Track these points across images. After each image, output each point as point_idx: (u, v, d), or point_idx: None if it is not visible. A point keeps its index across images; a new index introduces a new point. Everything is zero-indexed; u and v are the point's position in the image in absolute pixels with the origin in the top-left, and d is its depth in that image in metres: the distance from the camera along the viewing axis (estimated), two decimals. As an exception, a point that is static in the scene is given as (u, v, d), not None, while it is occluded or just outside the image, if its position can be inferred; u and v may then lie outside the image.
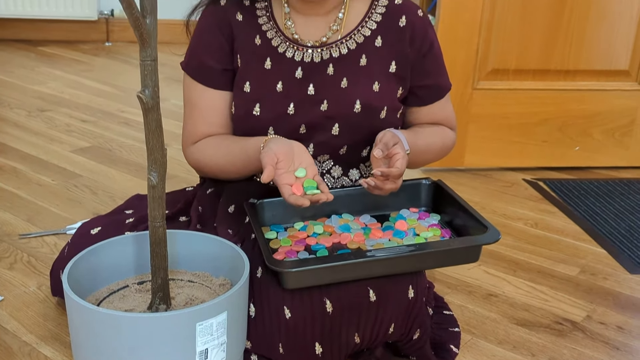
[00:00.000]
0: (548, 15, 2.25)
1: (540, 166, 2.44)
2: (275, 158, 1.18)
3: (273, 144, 1.22)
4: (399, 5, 1.37)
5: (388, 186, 1.22)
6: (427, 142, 1.39)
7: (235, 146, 1.33)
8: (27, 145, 2.42)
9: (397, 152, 1.22)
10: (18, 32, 3.89)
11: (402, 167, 1.21)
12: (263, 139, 1.26)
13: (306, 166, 1.21)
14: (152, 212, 1.05)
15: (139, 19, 0.92)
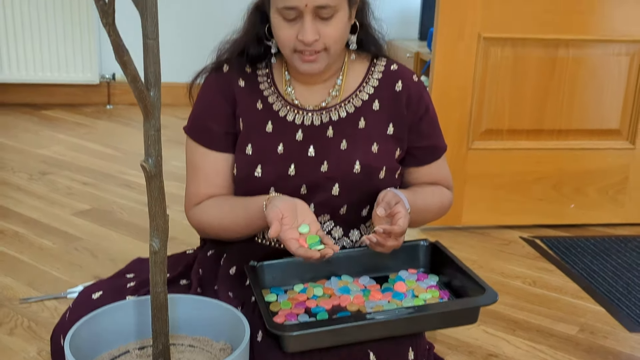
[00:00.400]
0: (538, 77, 2.31)
1: (537, 224, 2.46)
2: (281, 214, 1.21)
3: (277, 201, 1.25)
4: (395, 71, 1.42)
5: (390, 243, 1.25)
6: (425, 202, 1.42)
7: (237, 206, 1.36)
8: (29, 208, 2.45)
9: (399, 210, 1.25)
10: (22, 96, 3.96)
11: (404, 225, 1.24)
12: (265, 198, 1.29)
13: (309, 222, 1.24)
14: (154, 278, 1.06)
15: (144, 92, 0.96)
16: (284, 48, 1.30)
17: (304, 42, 1.25)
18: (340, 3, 1.26)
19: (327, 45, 1.28)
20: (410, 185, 1.47)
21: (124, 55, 0.92)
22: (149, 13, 0.93)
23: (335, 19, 1.26)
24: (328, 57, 1.30)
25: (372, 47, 1.42)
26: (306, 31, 1.24)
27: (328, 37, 1.27)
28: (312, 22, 1.24)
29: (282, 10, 1.24)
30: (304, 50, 1.27)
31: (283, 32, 1.27)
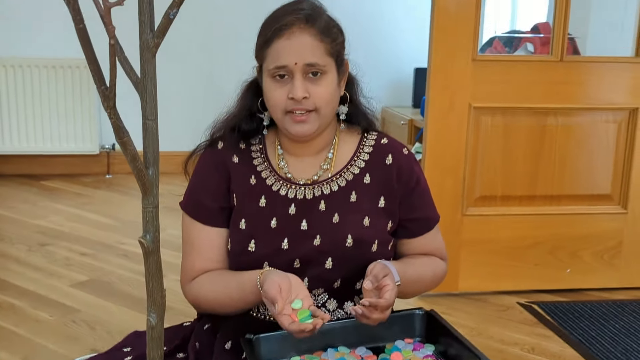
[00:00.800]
0: (528, 144, 2.36)
1: (534, 289, 2.46)
2: (279, 289, 1.22)
3: (274, 275, 1.26)
4: (385, 144, 1.45)
5: (375, 316, 1.25)
6: (418, 273, 1.43)
7: (231, 280, 1.37)
8: (27, 280, 2.45)
9: (387, 283, 1.26)
10: (21, 167, 4.01)
11: (391, 298, 1.25)
12: (259, 272, 1.30)
13: (302, 297, 1.25)
14: (151, 353, 1.07)
15: (142, 171, 0.99)
16: (276, 110, 1.33)
17: (294, 98, 1.29)
18: (328, 64, 1.30)
19: (317, 106, 1.31)
20: (404, 256, 1.49)
21: (123, 136, 0.95)
22: (149, 95, 0.97)
23: (324, 80, 1.31)
24: (318, 118, 1.34)
25: (362, 122, 1.46)
26: (296, 88, 1.28)
27: (318, 96, 1.31)
28: (302, 81, 1.29)
29: (273, 70, 1.29)
30: (295, 110, 1.31)
31: (275, 93, 1.31)
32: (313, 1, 1.34)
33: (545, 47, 3.04)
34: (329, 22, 1.32)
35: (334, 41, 1.31)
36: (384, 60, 4.35)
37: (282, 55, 1.27)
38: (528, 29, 3.48)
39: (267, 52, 1.29)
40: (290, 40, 1.27)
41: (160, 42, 0.95)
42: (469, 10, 2.24)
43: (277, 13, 1.31)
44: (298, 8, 1.30)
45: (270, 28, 1.28)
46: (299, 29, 1.27)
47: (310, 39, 1.27)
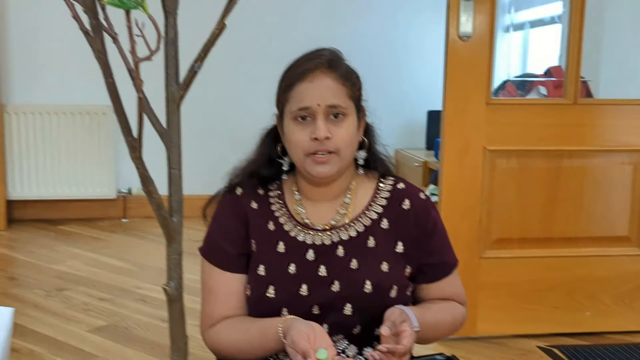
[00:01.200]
0: (544, 186, 2.36)
1: (553, 332, 2.44)
2: (308, 339, 1.22)
3: (300, 325, 1.26)
4: (402, 189, 1.47)
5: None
6: (437, 318, 1.43)
7: (252, 327, 1.37)
8: (45, 326, 2.46)
9: (405, 329, 1.25)
10: (39, 212, 4.06)
11: (409, 344, 1.24)
12: (281, 320, 1.30)
13: (326, 347, 1.24)
14: (174, 400, 1.07)
15: (167, 219, 1.01)
16: (298, 152, 1.35)
17: (317, 138, 1.31)
18: (349, 107, 1.33)
19: (338, 147, 1.33)
20: (423, 301, 1.48)
21: (149, 185, 0.98)
22: (174, 145, 1.00)
23: (345, 122, 1.33)
24: (339, 160, 1.35)
25: (379, 167, 1.48)
26: (319, 128, 1.30)
27: (339, 138, 1.33)
28: (324, 122, 1.31)
29: (296, 112, 1.31)
30: (317, 151, 1.33)
31: (297, 135, 1.33)
32: (333, 49, 1.38)
33: (558, 90, 3.06)
34: (348, 68, 1.36)
35: (354, 86, 1.35)
36: (397, 103, 4.40)
37: (306, 97, 1.30)
38: (541, 73, 3.52)
39: (290, 95, 1.32)
40: (313, 82, 1.30)
41: (185, 94, 0.98)
42: (482, 55, 2.27)
43: (299, 60, 1.35)
44: (320, 54, 1.34)
45: (293, 72, 1.33)
46: (321, 72, 1.31)
47: (333, 82, 1.31)
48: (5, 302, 2.67)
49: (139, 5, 0.80)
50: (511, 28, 4.42)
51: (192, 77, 0.96)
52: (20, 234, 3.76)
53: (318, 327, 1.27)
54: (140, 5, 0.80)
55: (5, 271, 3.13)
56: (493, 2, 2.24)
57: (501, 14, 4.30)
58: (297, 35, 4.15)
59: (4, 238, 3.69)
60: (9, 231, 3.81)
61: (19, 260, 3.33)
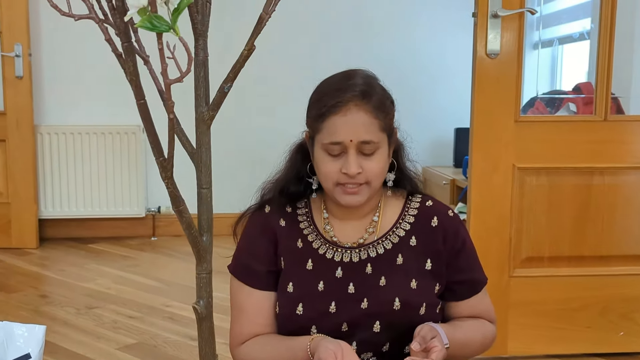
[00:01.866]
0: (575, 204, 2.34)
1: (585, 352, 2.40)
2: (335, 357, 1.22)
3: (328, 343, 1.26)
4: (430, 207, 1.46)
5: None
6: (467, 336, 1.42)
7: (280, 345, 1.37)
8: (75, 344, 2.49)
9: (435, 345, 1.25)
10: (70, 231, 4.11)
11: (439, 359, 1.23)
12: (309, 338, 1.30)
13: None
14: (203, 418, 1.07)
15: (197, 237, 1.01)
16: (327, 181, 1.35)
17: (348, 174, 1.31)
18: (381, 140, 1.32)
19: (368, 179, 1.33)
20: (452, 320, 1.47)
21: (180, 204, 0.98)
22: (204, 165, 1.01)
23: (377, 155, 1.33)
24: (369, 190, 1.35)
25: (407, 186, 1.47)
26: (350, 164, 1.30)
27: (370, 171, 1.33)
28: (356, 156, 1.31)
29: (327, 145, 1.31)
30: (347, 184, 1.33)
31: (327, 166, 1.33)
32: (366, 72, 1.36)
33: (588, 107, 3.03)
34: (382, 95, 1.33)
35: (387, 116, 1.33)
36: (424, 120, 4.39)
37: (338, 132, 1.28)
38: (570, 89, 3.49)
39: (321, 125, 1.30)
40: (346, 117, 1.28)
41: (215, 114, 1.00)
42: (510, 72, 2.26)
43: (331, 87, 1.33)
44: (353, 83, 1.31)
45: (325, 103, 1.30)
46: (355, 105, 1.28)
47: (366, 116, 1.29)
48: (37, 319, 2.70)
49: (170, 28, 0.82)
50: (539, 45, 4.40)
51: (222, 97, 0.97)
52: (52, 252, 3.82)
53: (346, 345, 1.27)
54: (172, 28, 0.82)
55: (37, 289, 3.18)
56: (521, 19, 2.24)
57: (529, 30, 4.29)
58: (327, 54, 4.18)
59: (36, 256, 3.74)
60: (41, 249, 3.87)
61: (50, 279, 3.37)
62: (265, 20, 0.91)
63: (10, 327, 1.11)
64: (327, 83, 1.35)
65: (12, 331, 1.11)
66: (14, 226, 3.89)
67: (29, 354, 1.11)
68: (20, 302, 2.97)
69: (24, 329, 1.12)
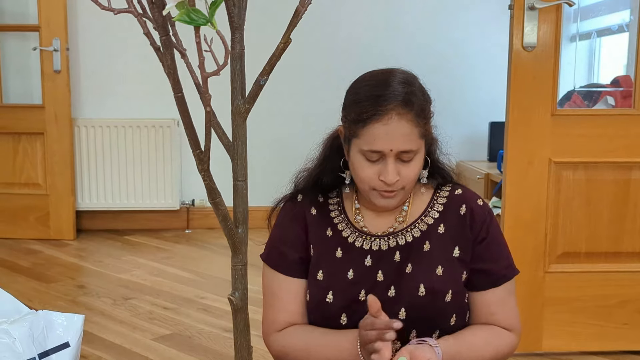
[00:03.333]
0: (613, 199, 2.30)
1: (623, 350, 2.36)
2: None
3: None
4: (459, 195, 1.45)
5: None
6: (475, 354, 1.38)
7: (326, 338, 1.37)
8: (112, 333, 2.53)
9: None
10: (107, 223, 4.18)
11: None
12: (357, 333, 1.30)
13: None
14: (238, 409, 1.09)
15: (233, 230, 1.02)
16: (363, 185, 1.35)
17: (385, 182, 1.31)
18: (420, 146, 1.32)
19: (404, 185, 1.33)
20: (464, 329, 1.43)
21: (216, 197, 0.99)
22: (239, 158, 1.02)
23: (415, 161, 1.32)
24: (404, 193, 1.36)
25: (438, 177, 1.46)
26: (389, 173, 1.29)
27: (406, 177, 1.32)
28: (394, 165, 1.30)
29: (366, 152, 1.30)
30: (384, 190, 1.33)
31: (364, 171, 1.33)
32: (405, 73, 1.34)
33: (627, 101, 2.98)
34: (422, 100, 1.32)
35: (427, 122, 1.32)
36: (459, 114, 4.35)
37: (378, 141, 1.27)
38: (608, 82, 3.42)
39: (361, 131, 1.29)
40: (387, 126, 1.27)
41: (250, 107, 1.00)
42: (547, 65, 2.23)
43: (371, 91, 1.30)
44: (394, 90, 1.28)
45: (366, 109, 1.28)
46: (397, 115, 1.26)
47: (407, 125, 1.27)
48: (74, 309, 2.76)
49: (207, 21, 0.82)
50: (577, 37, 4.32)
51: (258, 90, 0.97)
52: (89, 244, 3.88)
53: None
54: (209, 21, 0.82)
55: (75, 280, 3.24)
56: (559, 11, 2.20)
57: (567, 23, 4.22)
58: (363, 48, 4.17)
59: (74, 248, 3.81)
60: (78, 241, 3.94)
61: (88, 269, 3.43)
62: (302, 13, 0.91)
63: (50, 316, 1.13)
64: (365, 84, 1.33)
65: (52, 320, 1.13)
66: (52, 218, 3.97)
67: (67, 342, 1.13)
68: (58, 292, 3.03)
69: (64, 318, 1.14)
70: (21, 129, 3.91)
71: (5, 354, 1.04)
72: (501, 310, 1.41)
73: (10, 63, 4.10)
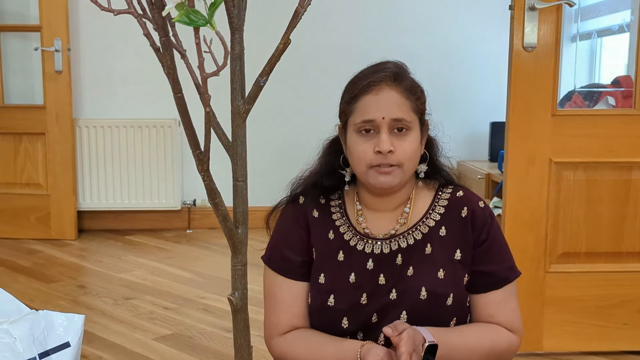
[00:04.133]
0: (613, 199, 2.29)
1: (623, 350, 2.36)
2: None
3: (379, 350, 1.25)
4: (461, 197, 1.45)
5: None
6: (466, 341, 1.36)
7: (328, 345, 1.37)
8: (113, 333, 2.53)
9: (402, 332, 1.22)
10: (107, 223, 4.19)
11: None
12: (360, 344, 1.30)
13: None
14: (238, 409, 1.09)
15: (233, 230, 1.03)
16: (360, 164, 1.35)
17: (381, 151, 1.31)
18: (413, 121, 1.34)
19: (401, 161, 1.33)
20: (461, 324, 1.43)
21: (216, 197, 1.00)
22: (239, 158, 1.02)
23: (409, 135, 1.33)
24: (401, 173, 1.35)
25: (440, 179, 1.47)
26: (383, 141, 1.31)
27: (402, 151, 1.33)
28: (388, 135, 1.32)
29: (360, 125, 1.32)
30: (380, 164, 1.33)
31: (360, 147, 1.34)
32: (398, 62, 1.39)
33: (628, 101, 2.97)
34: (413, 82, 1.37)
35: (418, 100, 1.36)
36: (459, 114, 4.35)
37: (370, 110, 1.31)
38: (608, 82, 3.42)
39: (354, 107, 1.34)
40: (378, 95, 1.32)
41: (250, 108, 1.01)
42: (547, 65, 2.23)
43: (364, 72, 1.37)
44: (385, 67, 1.35)
45: (358, 84, 1.34)
46: (387, 85, 1.32)
47: (397, 95, 1.32)
48: (75, 309, 2.76)
49: (207, 22, 0.83)
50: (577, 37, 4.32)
51: (258, 91, 0.98)
52: (90, 244, 3.89)
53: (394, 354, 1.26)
54: (209, 22, 0.82)
55: (76, 279, 3.24)
56: (559, 11, 2.20)
57: (567, 23, 4.22)
58: (361, 48, 4.17)
59: (75, 247, 3.81)
60: (79, 241, 3.95)
61: (89, 269, 3.44)
62: (301, 14, 0.92)
63: (50, 316, 1.13)
64: (359, 72, 1.38)
65: (53, 320, 1.13)
66: (54, 218, 3.98)
67: (68, 342, 1.14)
68: (59, 292, 3.03)
69: (64, 318, 1.14)
70: (22, 129, 3.92)
71: (6, 354, 1.04)
72: (502, 313, 1.40)
73: (11, 63, 4.11)
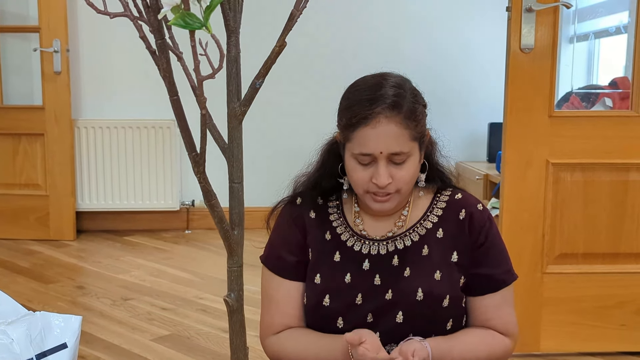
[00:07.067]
0: (610, 200, 2.30)
1: (620, 351, 2.37)
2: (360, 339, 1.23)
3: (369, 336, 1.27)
4: (459, 199, 1.45)
5: None
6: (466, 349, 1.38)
7: (319, 342, 1.38)
8: (111, 334, 2.54)
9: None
10: (106, 223, 4.19)
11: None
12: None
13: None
14: (234, 409, 1.09)
15: (229, 231, 1.03)
16: (357, 188, 1.36)
17: (377, 185, 1.31)
18: (412, 148, 1.31)
19: (398, 188, 1.33)
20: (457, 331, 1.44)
21: (212, 199, 1.00)
22: (235, 160, 1.02)
23: (408, 163, 1.32)
24: (399, 197, 1.35)
25: (438, 181, 1.47)
26: (380, 176, 1.30)
27: (400, 180, 1.32)
28: (386, 167, 1.30)
29: (357, 155, 1.31)
30: (377, 192, 1.33)
31: (357, 174, 1.34)
32: (397, 77, 1.34)
33: (625, 102, 2.98)
34: (412, 103, 1.31)
35: (417, 124, 1.31)
36: (458, 115, 4.36)
37: (368, 144, 1.28)
38: (606, 84, 3.43)
39: (352, 135, 1.30)
40: (376, 129, 1.27)
41: (246, 110, 1.01)
42: (545, 67, 2.23)
43: (362, 95, 1.31)
44: (384, 94, 1.29)
45: (356, 113, 1.29)
46: (385, 117, 1.27)
47: (396, 127, 1.28)
48: (73, 310, 2.76)
49: (203, 25, 0.83)
50: (575, 39, 4.33)
51: (254, 93, 0.98)
52: (88, 244, 3.89)
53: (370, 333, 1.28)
54: (204, 25, 0.83)
55: (74, 280, 3.25)
56: (556, 13, 2.21)
57: (565, 24, 4.22)
58: (361, 50, 4.18)
59: (73, 248, 3.82)
60: (78, 241, 3.95)
61: (87, 270, 3.44)
62: (297, 17, 0.92)
63: (47, 317, 1.13)
64: (357, 90, 1.33)
65: (50, 321, 1.13)
66: (52, 218, 3.98)
67: (65, 343, 1.14)
68: (57, 293, 3.03)
69: (61, 319, 1.14)
70: (21, 130, 3.92)
71: (3, 355, 1.05)
72: (498, 316, 1.41)
73: (10, 64, 4.12)
